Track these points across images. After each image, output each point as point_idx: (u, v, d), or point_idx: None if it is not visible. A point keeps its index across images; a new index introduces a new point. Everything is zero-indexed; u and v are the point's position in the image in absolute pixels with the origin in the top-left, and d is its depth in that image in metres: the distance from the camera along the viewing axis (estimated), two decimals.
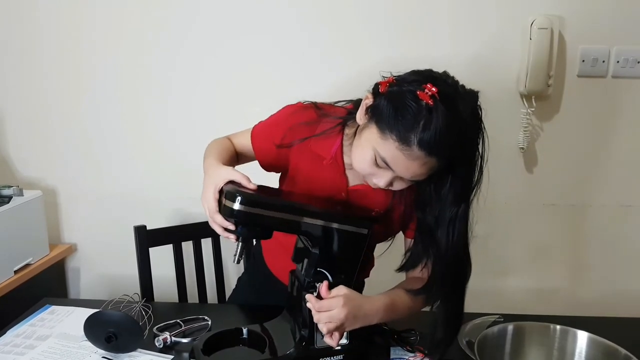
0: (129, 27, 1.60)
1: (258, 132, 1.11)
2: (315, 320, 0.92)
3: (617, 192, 1.65)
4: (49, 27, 1.62)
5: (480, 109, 0.90)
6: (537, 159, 1.63)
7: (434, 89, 0.84)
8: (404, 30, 1.55)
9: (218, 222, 0.91)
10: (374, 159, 0.90)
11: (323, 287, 0.93)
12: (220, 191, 0.91)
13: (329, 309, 0.91)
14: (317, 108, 1.06)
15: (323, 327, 0.92)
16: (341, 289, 0.93)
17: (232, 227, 0.90)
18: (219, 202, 0.91)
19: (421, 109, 0.84)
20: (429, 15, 1.54)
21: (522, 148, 1.59)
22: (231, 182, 0.91)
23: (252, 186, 0.91)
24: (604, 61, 1.54)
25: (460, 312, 1.00)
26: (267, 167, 1.12)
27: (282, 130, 1.05)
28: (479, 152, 0.91)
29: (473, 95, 0.90)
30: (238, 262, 0.93)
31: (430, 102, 0.83)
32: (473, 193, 0.94)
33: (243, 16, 1.57)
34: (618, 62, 1.54)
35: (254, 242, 1.39)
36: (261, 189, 0.95)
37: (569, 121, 1.60)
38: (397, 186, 0.94)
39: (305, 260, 0.98)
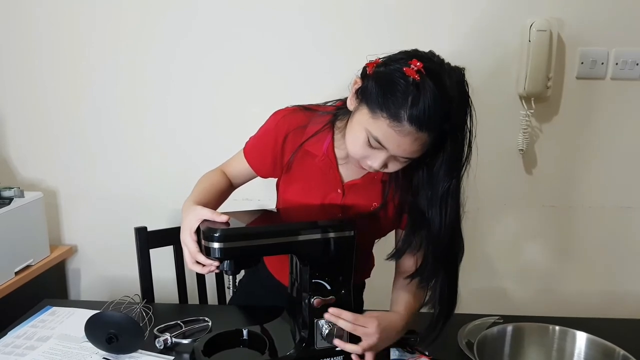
0: (128, 27, 1.61)
1: (251, 148, 1.12)
2: (351, 330, 0.95)
3: (617, 193, 1.65)
4: (49, 28, 1.62)
5: (466, 84, 0.90)
6: (536, 161, 1.64)
7: (419, 63, 0.85)
8: (404, 32, 1.55)
9: (202, 262, 0.92)
10: (367, 140, 0.90)
11: (348, 313, 0.96)
12: (198, 231, 0.93)
13: (364, 325, 0.95)
14: (305, 110, 1.07)
15: (358, 348, 0.95)
16: (372, 313, 0.97)
17: (216, 264, 0.92)
18: (199, 242, 0.92)
19: (408, 84, 0.85)
20: (429, 17, 1.54)
21: (522, 149, 1.60)
22: (205, 220, 0.93)
23: (223, 219, 0.92)
24: (602, 63, 1.54)
25: (454, 289, 1.01)
26: (266, 176, 1.13)
27: (274, 138, 1.06)
28: (467, 126, 0.92)
29: (458, 71, 0.90)
30: (234, 291, 0.95)
31: (417, 77, 0.84)
32: (464, 168, 0.94)
33: (242, 16, 1.57)
34: (617, 64, 1.54)
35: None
36: (235, 216, 0.95)
37: (568, 123, 1.60)
38: (392, 167, 0.94)
39: (299, 275, 0.98)
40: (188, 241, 0.94)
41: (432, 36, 1.55)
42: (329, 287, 0.96)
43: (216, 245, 0.88)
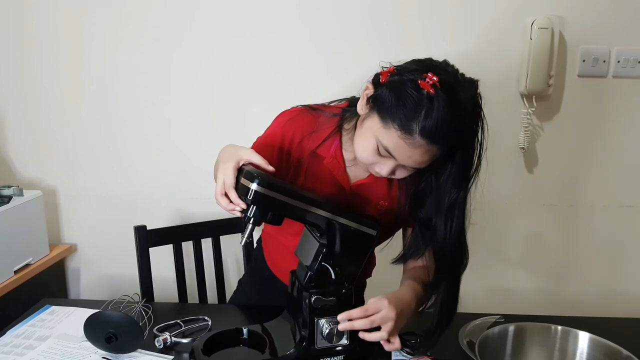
0: (128, 27, 1.60)
1: (257, 149, 1.10)
2: (369, 325, 0.92)
3: (618, 192, 1.65)
4: (49, 28, 1.62)
5: (480, 97, 0.91)
6: (537, 159, 1.63)
7: (435, 77, 0.85)
8: (404, 30, 1.55)
9: (232, 198, 0.88)
10: (377, 148, 0.91)
11: (356, 310, 0.93)
12: (239, 170, 0.90)
13: (377, 310, 0.92)
14: (312, 110, 1.06)
15: (383, 333, 0.91)
16: (376, 298, 0.94)
17: (243, 205, 0.88)
18: (236, 179, 0.89)
19: (422, 97, 0.85)
20: (429, 15, 1.54)
21: (523, 148, 1.59)
22: (251, 164, 0.91)
23: (270, 169, 0.90)
24: (604, 61, 1.54)
25: (455, 297, 1.01)
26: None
27: (280, 142, 1.04)
28: (478, 139, 0.92)
29: (473, 83, 0.91)
30: (246, 243, 0.92)
31: (432, 90, 0.84)
32: (472, 181, 0.95)
33: (242, 15, 1.57)
34: (619, 62, 1.53)
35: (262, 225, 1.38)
36: (278, 176, 0.95)
37: (569, 121, 1.60)
38: (400, 174, 0.95)
39: (310, 254, 0.98)
40: (229, 172, 0.89)
41: (433, 35, 1.55)
42: (333, 277, 0.96)
43: (254, 187, 0.86)
